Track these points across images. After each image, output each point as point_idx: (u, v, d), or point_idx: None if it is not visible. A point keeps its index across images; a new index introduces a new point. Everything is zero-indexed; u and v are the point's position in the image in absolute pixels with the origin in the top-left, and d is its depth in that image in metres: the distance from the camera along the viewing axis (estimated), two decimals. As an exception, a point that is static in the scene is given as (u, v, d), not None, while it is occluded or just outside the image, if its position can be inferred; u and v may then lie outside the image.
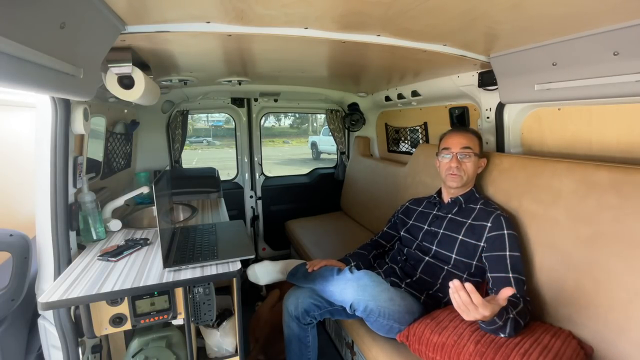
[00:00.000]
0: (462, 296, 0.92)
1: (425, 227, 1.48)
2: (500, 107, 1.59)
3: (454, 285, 0.93)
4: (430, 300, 1.33)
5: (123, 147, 2.13)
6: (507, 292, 0.93)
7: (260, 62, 1.67)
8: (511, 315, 1.02)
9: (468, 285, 0.92)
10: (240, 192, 3.03)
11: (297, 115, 16.72)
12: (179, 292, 1.14)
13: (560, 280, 1.15)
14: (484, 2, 0.86)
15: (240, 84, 2.19)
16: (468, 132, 1.44)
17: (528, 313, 1.10)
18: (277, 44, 1.27)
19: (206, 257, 1.18)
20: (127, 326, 1.10)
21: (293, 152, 13.91)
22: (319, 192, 3.24)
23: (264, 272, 1.54)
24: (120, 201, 1.58)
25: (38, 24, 0.67)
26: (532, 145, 1.56)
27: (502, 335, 1.03)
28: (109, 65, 1.19)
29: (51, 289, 0.98)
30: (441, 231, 1.41)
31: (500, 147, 1.64)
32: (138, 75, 1.26)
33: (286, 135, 18.41)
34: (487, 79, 1.55)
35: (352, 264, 1.55)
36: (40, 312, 1.17)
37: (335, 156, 3.39)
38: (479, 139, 1.45)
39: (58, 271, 1.19)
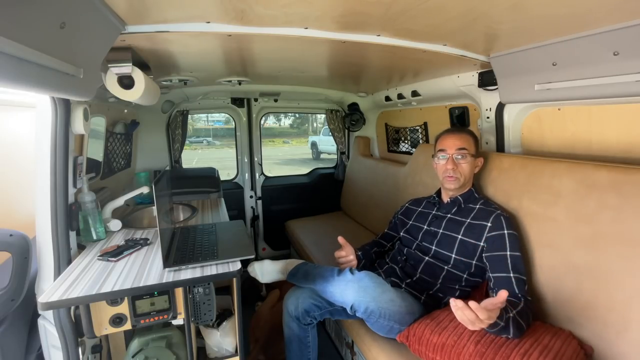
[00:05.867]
0: (467, 314, 0.90)
1: (425, 227, 1.48)
2: (500, 107, 1.59)
3: (456, 305, 0.91)
4: (431, 301, 1.33)
5: (123, 147, 2.13)
6: (504, 294, 0.92)
7: (260, 62, 1.67)
8: (511, 315, 1.02)
9: (472, 303, 0.90)
10: (240, 192, 3.03)
11: (297, 115, 16.71)
12: (179, 292, 1.14)
13: (560, 280, 1.15)
14: (484, 2, 0.86)
15: (240, 84, 2.19)
16: (463, 133, 1.44)
17: (529, 313, 1.10)
18: (277, 44, 1.27)
19: (206, 257, 1.18)
20: (127, 326, 1.10)
21: (293, 152, 13.90)
22: (319, 192, 3.24)
23: (263, 271, 1.54)
24: (120, 201, 1.58)
25: (38, 24, 0.67)
26: (532, 145, 1.56)
27: (506, 336, 1.03)
28: (109, 65, 1.19)
29: (51, 289, 0.98)
30: (440, 231, 1.41)
31: (500, 147, 1.64)
32: (138, 75, 1.26)
33: (286, 135, 18.40)
34: (487, 79, 1.55)
35: (359, 253, 1.59)
36: (40, 312, 1.17)
37: (335, 156, 3.39)
38: (475, 139, 1.44)
39: (58, 271, 1.19)
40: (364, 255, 1.61)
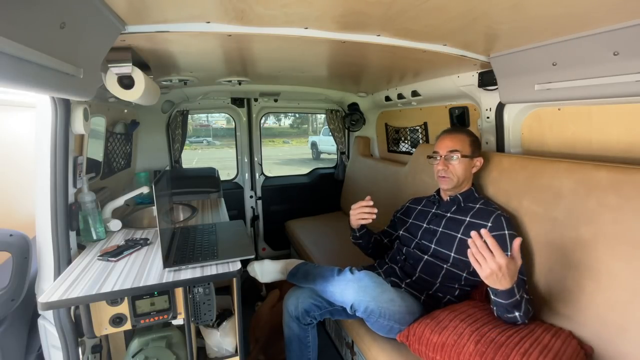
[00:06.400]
0: (478, 244, 0.94)
1: (424, 225, 1.49)
2: (500, 107, 1.59)
3: (473, 235, 0.95)
4: (430, 300, 1.33)
5: (123, 147, 2.13)
6: (517, 241, 0.96)
7: (260, 62, 1.67)
8: (525, 295, 1.06)
9: (483, 230, 0.95)
10: (240, 192, 3.03)
11: (297, 115, 16.72)
12: (179, 292, 1.14)
13: (560, 280, 1.15)
14: (484, 2, 0.86)
15: (240, 84, 2.19)
16: (458, 134, 1.44)
17: (532, 308, 1.13)
18: (277, 44, 1.27)
19: (206, 257, 1.18)
20: (127, 326, 1.10)
21: (293, 152, 13.91)
22: (319, 192, 3.24)
23: (264, 271, 1.54)
24: (120, 201, 1.58)
25: (38, 24, 0.67)
26: (532, 145, 1.56)
27: (516, 315, 1.06)
28: (109, 65, 1.19)
29: (51, 289, 0.98)
30: (440, 229, 1.41)
31: (500, 147, 1.64)
32: (138, 75, 1.26)
33: (286, 135, 18.40)
34: (487, 79, 1.55)
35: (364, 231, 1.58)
36: (40, 312, 1.17)
37: (335, 156, 3.39)
38: (472, 139, 1.44)
39: (58, 271, 1.19)
40: (367, 234, 1.61)
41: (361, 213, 1.45)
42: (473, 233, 0.96)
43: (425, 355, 1.11)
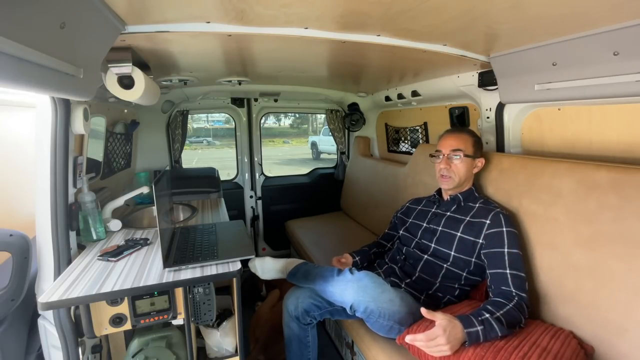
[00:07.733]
0: (419, 345, 1.01)
1: (424, 224, 1.49)
2: (500, 107, 1.59)
3: (408, 341, 1.02)
4: (430, 300, 1.33)
5: (123, 147, 2.13)
6: (422, 310, 1.02)
7: (260, 62, 1.67)
8: (487, 315, 1.04)
9: (407, 337, 1.02)
10: (240, 192, 3.03)
11: (297, 115, 16.71)
12: (179, 292, 1.14)
13: (560, 280, 1.15)
14: (484, 2, 0.86)
15: (240, 84, 2.19)
16: (462, 133, 1.44)
17: (521, 311, 1.09)
18: (277, 44, 1.27)
19: (206, 257, 1.18)
20: (127, 326, 1.10)
21: (293, 152, 13.91)
22: (319, 192, 3.24)
23: (264, 268, 1.54)
24: (120, 201, 1.59)
25: (38, 24, 0.67)
26: (532, 145, 1.56)
27: (499, 335, 1.03)
28: (109, 65, 1.19)
29: (51, 289, 0.98)
30: (440, 228, 1.41)
31: (500, 147, 1.64)
32: (138, 75, 1.26)
33: (286, 135, 18.40)
34: (487, 79, 1.55)
35: (357, 259, 1.64)
36: (40, 312, 1.17)
37: (335, 156, 3.39)
38: (475, 139, 1.44)
39: (58, 271, 1.19)
40: (361, 260, 1.64)
41: (336, 262, 1.60)
42: (407, 339, 1.02)
43: (425, 358, 1.11)
